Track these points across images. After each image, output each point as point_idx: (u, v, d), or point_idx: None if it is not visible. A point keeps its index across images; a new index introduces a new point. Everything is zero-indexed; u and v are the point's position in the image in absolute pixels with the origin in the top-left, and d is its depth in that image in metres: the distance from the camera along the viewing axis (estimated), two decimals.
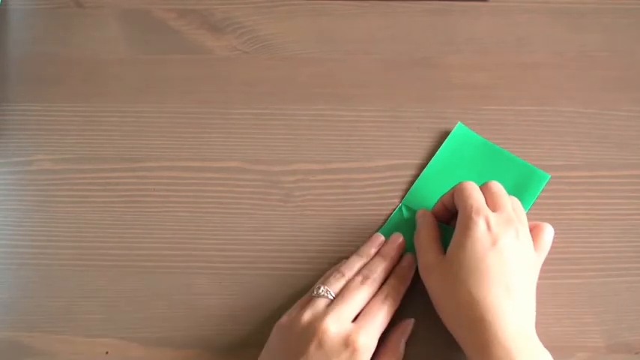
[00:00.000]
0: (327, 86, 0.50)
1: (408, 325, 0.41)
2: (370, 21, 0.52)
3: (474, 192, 0.40)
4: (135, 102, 0.51)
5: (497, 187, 0.41)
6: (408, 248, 0.44)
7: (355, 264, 0.42)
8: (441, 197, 0.43)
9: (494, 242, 0.38)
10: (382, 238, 0.44)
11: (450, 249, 0.39)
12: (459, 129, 0.48)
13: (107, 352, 0.44)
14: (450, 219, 0.44)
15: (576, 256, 0.45)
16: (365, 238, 0.46)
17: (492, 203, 0.40)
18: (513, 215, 0.40)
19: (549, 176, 0.46)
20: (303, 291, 0.44)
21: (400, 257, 0.43)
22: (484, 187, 0.42)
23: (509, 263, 0.38)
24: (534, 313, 0.39)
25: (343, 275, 0.41)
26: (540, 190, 0.46)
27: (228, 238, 0.46)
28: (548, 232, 0.42)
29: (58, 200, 0.48)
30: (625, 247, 0.45)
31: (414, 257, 0.43)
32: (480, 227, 0.38)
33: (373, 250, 0.43)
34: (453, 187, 0.42)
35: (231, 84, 0.51)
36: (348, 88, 0.50)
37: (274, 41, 0.52)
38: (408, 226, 0.46)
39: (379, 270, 0.41)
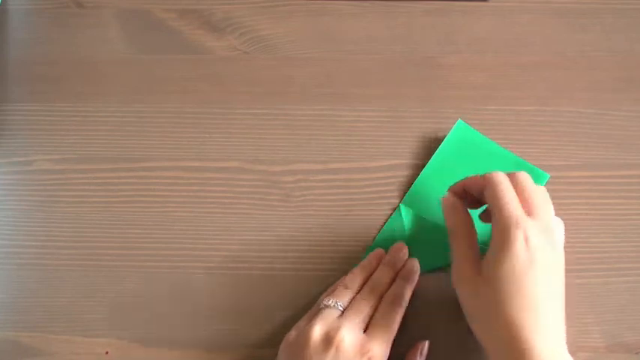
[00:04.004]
0: (327, 86, 0.50)
1: (424, 346, 0.41)
2: (370, 21, 0.52)
3: (509, 192, 0.38)
4: (135, 102, 0.51)
5: (527, 181, 0.39)
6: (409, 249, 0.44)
7: (358, 277, 0.42)
8: (464, 180, 0.41)
9: (532, 260, 0.36)
10: (383, 251, 0.44)
11: (487, 263, 0.37)
12: (459, 126, 0.48)
13: (107, 352, 0.44)
14: (470, 203, 0.42)
15: (576, 256, 0.45)
16: (365, 238, 0.46)
17: (525, 203, 0.38)
18: (550, 223, 0.38)
19: (549, 176, 0.46)
20: (303, 291, 0.44)
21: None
22: (512, 179, 0.39)
23: (545, 282, 0.36)
24: (565, 329, 0.37)
25: (348, 288, 0.41)
26: None
27: (228, 238, 0.46)
28: (559, 230, 0.41)
29: (58, 200, 0.48)
30: (625, 247, 0.45)
31: (418, 262, 0.43)
32: (519, 243, 0.36)
33: (375, 263, 0.43)
34: (482, 176, 0.39)
35: (231, 84, 0.51)
36: (348, 88, 0.50)
37: (274, 41, 0.52)
38: (407, 226, 0.46)
39: (385, 281, 0.41)
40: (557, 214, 0.44)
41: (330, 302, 0.40)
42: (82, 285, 0.46)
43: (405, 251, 0.44)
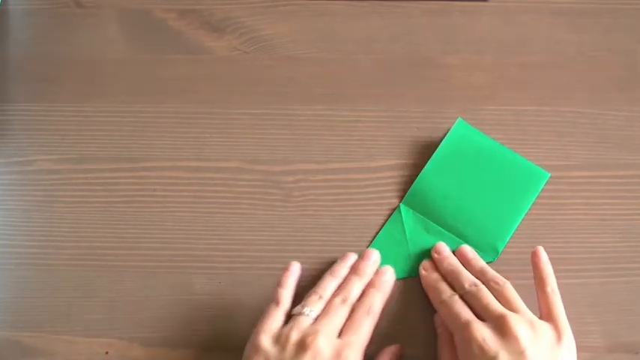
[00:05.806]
0: (327, 86, 0.50)
1: (397, 350, 0.42)
2: (370, 21, 0.52)
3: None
4: (135, 102, 0.51)
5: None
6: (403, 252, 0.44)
7: (330, 284, 0.42)
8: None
9: None
10: (355, 256, 0.44)
11: None
12: (459, 125, 0.48)
13: (107, 352, 0.44)
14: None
15: (576, 256, 0.45)
16: (365, 238, 0.46)
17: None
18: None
19: (549, 175, 0.46)
20: (303, 291, 0.44)
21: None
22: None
23: None
24: None
25: (321, 297, 0.40)
26: (540, 189, 0.46)
27: (227, 238, 0.46)
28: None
29: (58, 200, 0.48)
30: (625, 247, 0.45)
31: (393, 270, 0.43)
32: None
33: (345, 271, 0.43)
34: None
35: (231, 84, 0.51)
36: (348, 88, 0.50)
37: (274, 41, 0.52)
38: (407, 227, 0.46)
39: (356, 290, 0.41)
40: (557, 214, 0.45)
41: (305, 310, 0.40)
42: (82, 285, 0.46)
43: (376, 258, 0.43)
